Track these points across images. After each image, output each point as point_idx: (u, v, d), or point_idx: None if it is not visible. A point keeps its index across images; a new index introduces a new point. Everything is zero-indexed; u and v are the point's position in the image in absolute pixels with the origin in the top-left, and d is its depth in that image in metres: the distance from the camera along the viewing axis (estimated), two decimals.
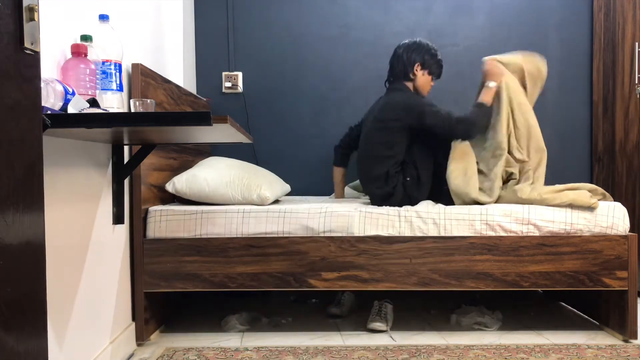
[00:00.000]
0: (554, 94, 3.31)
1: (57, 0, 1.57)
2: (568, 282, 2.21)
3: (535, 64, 2.55)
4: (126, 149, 2.07)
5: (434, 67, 2.60)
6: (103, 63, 1.72)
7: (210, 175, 2.38)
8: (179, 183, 2.36)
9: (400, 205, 2.36)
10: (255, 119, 3.29)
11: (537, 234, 2.23)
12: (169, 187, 2.38)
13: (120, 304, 2.07)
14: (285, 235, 2.23)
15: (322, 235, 2.23)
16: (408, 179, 2.45)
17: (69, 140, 1.66)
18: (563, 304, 2.80)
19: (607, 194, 2.38)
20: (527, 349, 2.09)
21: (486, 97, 2.49)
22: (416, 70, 2.58)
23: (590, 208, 2.24)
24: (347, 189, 2.94)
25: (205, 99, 3.13)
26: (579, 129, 3.31)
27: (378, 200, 2.46)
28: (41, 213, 1.00)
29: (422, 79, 2.59)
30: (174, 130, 1.58)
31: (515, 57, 2.56)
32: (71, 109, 1.42)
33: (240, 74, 3.29)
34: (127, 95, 2.07)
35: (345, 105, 3.30)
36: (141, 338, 2.16)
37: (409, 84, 2.60)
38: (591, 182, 3.25)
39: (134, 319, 2.18)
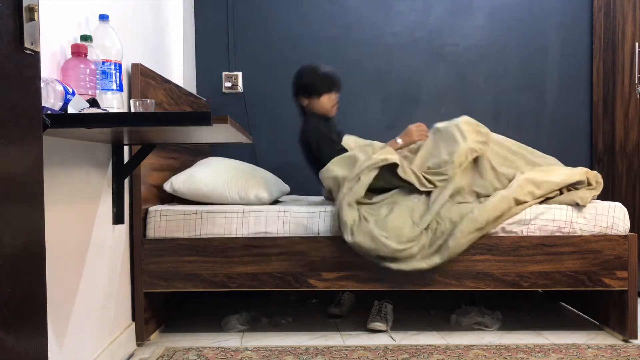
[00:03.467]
0: (554, 94, 3.31)
1: (57, 0, 1.57)
2: (568, 282, 2.21)
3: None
4: (126, 149, 2.07)
5: (310, 88, 2.55)
6: (103, 63, 1.72)
7: (207, 175, 2.38)
8: (177, 183, 2.36)
9: None
10: (255, 119, 3.29)
11: (537, 234, 2.23)
12: (167, 186, 2.37)
13: (120, 304, 2.07)
14: (285, 235, 2.23)
15: (322, 235, 2.23)
16: None
17: (69, 140, 1.66)
18: (563, 304, 2.80)
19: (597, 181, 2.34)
20: (527, 349, 2.09)
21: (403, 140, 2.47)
22: (304, 104, 2.58)
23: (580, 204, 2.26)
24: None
25: (205, 99, 3.13)
26: (579, 129, 3.31)
27: None
28: (41, 213, 1.00)
29: (313, 105, 2.56)
30: (174, 130, 1.58)
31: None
32: (71, 109, 1.42)
33: (240, 74, 3.29)
34: (127, 95, 2.07)
35: (344, 105, 3.29)
36: (141, 338, 2.16)
37: (313, 114, 2.58)
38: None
39: (134, 319, 2.18)
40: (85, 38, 1.65)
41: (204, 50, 3.28)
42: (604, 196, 3.15)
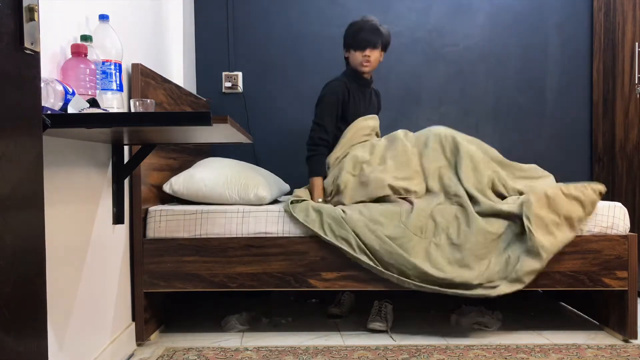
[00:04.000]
0: (554, 94, 3.31)
1: (57, 0, 1.57)
2: (568, 282, 2.21)
3: None
4: (126, 149, 2.07)
5: (349, 40, 2.61)
6: (103, 63, 1.72)
7: (207, 175, 2.38)
8: (177, 184, 2.36)
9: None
10: (255, 119, 3.28)
11: None
12: (166, 188, 2.37)
13: (120, 304, 2.07)
14: (285, 235, 2.23)
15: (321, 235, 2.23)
16: None
17: (69, 140, 1.66)
18: (563, 304, 2.80)
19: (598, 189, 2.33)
20: (527, 349, 2.09)
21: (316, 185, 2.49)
22: (346, 55, 2.67)
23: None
24: None
25: (205, 99, 3.13)
26: (579, 129, 3.31)
27: None
28: (41, 213, 1.00)
29: (350, 58, 2.63)
30: (174, 130, 1.58)
31: None
32: (71, 109, 1.42)
33: (240, 74, 3.29)
34: (127, 95, 2.07)
35: None
36: (141, 338, 2.16)
37: (349, 68, 2.67)
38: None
39: (134, 319, 2.18)
40: (85, 38, 1.65)
41: (204, 50, 3.28)
42: (604, 196, 3.15)
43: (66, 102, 1.42)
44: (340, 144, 2.53)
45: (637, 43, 2.89)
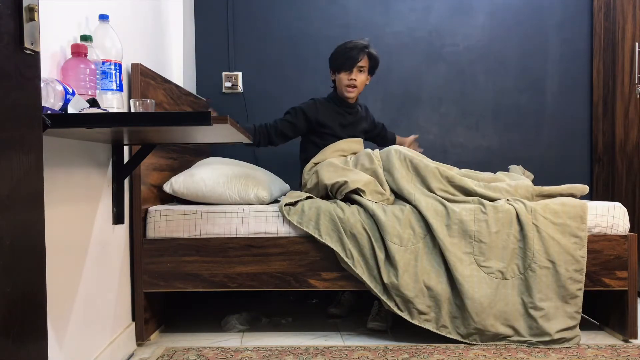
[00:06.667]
0: (554, 94, 3.31)
1: (57, 0, 1.57)
2: None
3: None
4: (126, 149, 2.07)
5: (334, 63, 2.67)
6: (103, 63, 1.72)
7: (207, 175, 2.38)
8: (177, 184, 2.36)
9: None
10: (255, 119, 3.28)
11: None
12: (167, 187, 2.37)
13: (120, 303, 2.07)
14: (285, 235, 2.23)
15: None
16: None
17: (69, 140, 1.66)
18: None
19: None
20: (527, 349, 2.09)
21: None
22: (332, 78, 2.72)
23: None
24: None
25: (205, 99, 3.13)
26: (579, 129, 3.31)
27: None
28: (41, 213, 1.00)
29: (337, 81, 2.69)
30: (174, 130, 1.58)
31: None
32: (71, 109, 1.42)
33: (240, 74, 3.29)
34: (127, 95, 2.07)
35: None
36: (141, 338, 2.17)
37: (334, 91, 2.74)
38: (591, 182, 3.26)
39: (134, 319, 2.18)
40: (85, 38, 1.65)
41: (204, 50, 3.28)
42: (604, 196, 3.16)
43: (66, 102, 1.42)
44: (316, 157, 2.60)
45: (637, 43, 2.89)
